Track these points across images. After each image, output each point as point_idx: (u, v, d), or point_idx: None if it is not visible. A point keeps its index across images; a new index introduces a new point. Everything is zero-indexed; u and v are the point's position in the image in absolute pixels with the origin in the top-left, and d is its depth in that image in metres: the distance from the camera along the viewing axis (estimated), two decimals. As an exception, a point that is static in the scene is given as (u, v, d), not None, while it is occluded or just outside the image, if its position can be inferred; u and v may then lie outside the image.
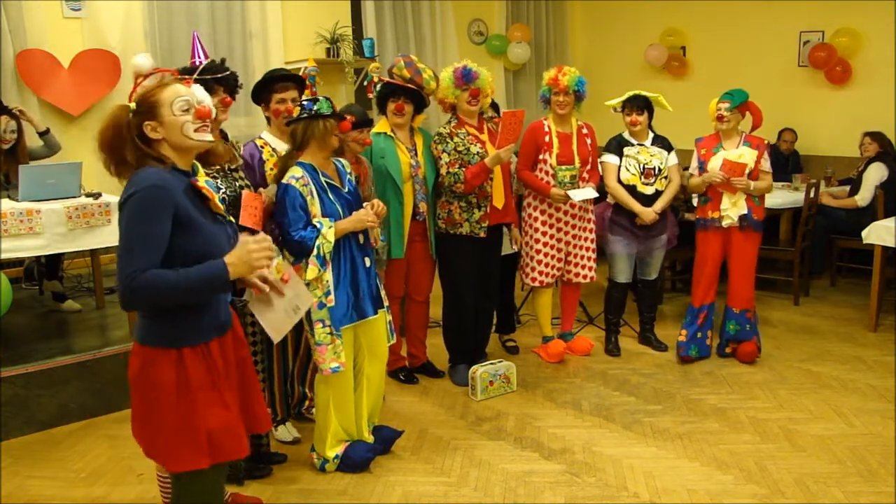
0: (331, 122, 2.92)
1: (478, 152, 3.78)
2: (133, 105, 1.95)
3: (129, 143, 1.91)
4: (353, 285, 3.00)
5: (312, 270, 2.87)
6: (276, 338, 2.35)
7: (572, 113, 4.13)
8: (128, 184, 1.90)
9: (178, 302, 1.88)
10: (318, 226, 2.87)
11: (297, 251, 2.90)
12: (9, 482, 3.12)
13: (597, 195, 4.13)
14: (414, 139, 3.86)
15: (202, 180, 2.02)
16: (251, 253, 1.89)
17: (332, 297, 2.92)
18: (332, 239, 2.87)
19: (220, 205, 2.03)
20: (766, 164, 4.14)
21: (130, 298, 1.83)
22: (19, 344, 3.90)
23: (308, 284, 2.86)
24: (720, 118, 4.09)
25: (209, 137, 2.01)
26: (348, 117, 3.07)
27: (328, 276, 2.91)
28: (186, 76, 2.96)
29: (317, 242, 2.85)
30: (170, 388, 1.91)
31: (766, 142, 4.17)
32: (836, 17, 6.38)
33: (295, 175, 2.88)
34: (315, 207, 2.89)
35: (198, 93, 2.59)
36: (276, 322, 2.28)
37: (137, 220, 1.83)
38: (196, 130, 1.97)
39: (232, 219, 2.11)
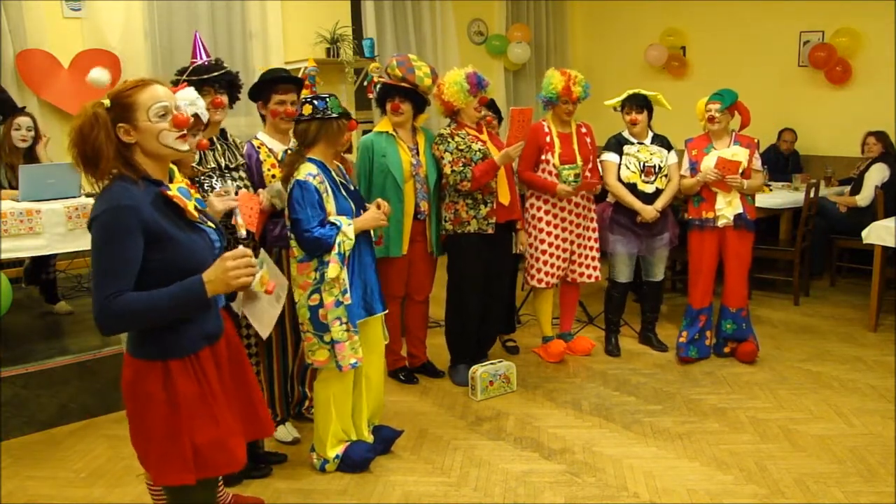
0: (343, 121, 2.94)
1: (479, 149, 3.79)
2: (107, 102, 1.83)
3: (103, 142, 1.79)
4: (363, 282, 3.01)
5: (334, 268, 2.84)
6: (265, 332, 2.34)
7: None
8: (94, 203, 1.82)
9: (157, 322, 1.84)
10: (338, 224, 2.86)
11: (312, 249, 2.86)
12: (9, 482, 3.12)
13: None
14: (416, 138, 3.87)
15: (175, 188, 1.92)
16: (227, 271, 1.84)
17: (348, 294, 2.92)
18: (353, 237, 2.86)
19: (194, 213, 1.93)
20: (757, 163, 4.16)
21: (107, 324, 1.78)
22: (19, 344, 3.90)
23: (326, 283, 2.86)
24: (711, 119, 4.09)
25: (186, 147, 1.92)
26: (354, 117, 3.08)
27: (344, 274, 2.91)
28: (180, 77, 2.98)
29: (337, 240, 2.84)
30: (158, 402, 1.88)
31: (756, 140, 4.18)
32: (836, 17, 6.38)
33: (311, 172, 2.86)
34: (330, 205, 2.89)
35: (189, 96, 2.58)
36: (262, 315, 2.27)
37: (106, 244, 1.77)
38: (175, 139, 1.88)
39: (213, 224, 2.03)
